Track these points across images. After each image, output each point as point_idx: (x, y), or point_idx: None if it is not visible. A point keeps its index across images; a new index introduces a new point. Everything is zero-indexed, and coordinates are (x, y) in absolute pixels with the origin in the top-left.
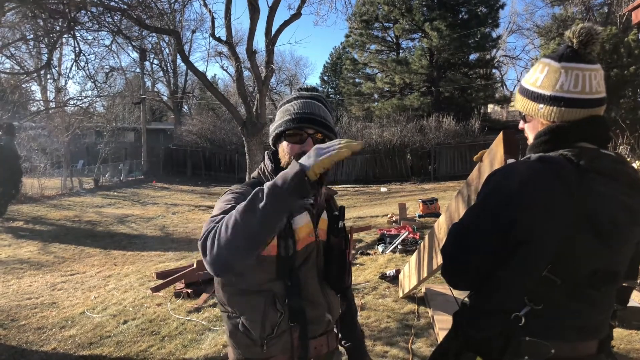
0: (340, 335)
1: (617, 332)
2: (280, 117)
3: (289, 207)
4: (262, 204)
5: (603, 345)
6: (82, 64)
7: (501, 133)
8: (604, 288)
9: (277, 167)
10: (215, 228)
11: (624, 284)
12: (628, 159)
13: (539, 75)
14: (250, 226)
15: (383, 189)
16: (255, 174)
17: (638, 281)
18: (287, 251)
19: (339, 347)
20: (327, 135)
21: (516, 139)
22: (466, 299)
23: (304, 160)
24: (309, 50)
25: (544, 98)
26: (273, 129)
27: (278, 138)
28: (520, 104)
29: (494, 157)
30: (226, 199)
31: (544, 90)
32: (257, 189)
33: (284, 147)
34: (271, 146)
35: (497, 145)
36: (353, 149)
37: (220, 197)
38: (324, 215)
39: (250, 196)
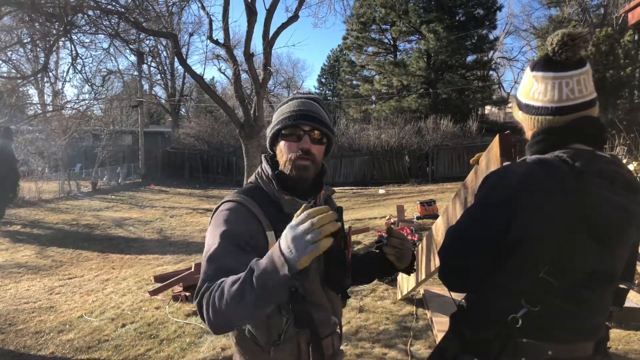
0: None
1: (616, 332)
2: (276, 117)
3: (279, 297)
4: (251, 296)
5: (599, 347)
6: (79, 67)
7: (497, 136)
8: (600, 289)
9: (276, 171)
10: (209, 293)
11: (620, 286)
12: (625, 160)
13: (522, 82)
14: (242, 311)
15: (381, 191)
16: (252, 178)
17: (637, 282)
18: None
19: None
20: (325, 133)
21: (512, 141)
22: (463, 301)
23: (286, 252)
24: (307, 52)
25: (521, 105)
26: (269, 129)
27: (275, 139)
28: (514, 108)
29: (490, 159)
30: (220, 229)
31: (521, 97)
32: (247, 271)
33: (281, 147)
34: (268, 149)
35: (494, 148)
36: (331, 230)
37: (215, 215)
38: None
39: (239, 281)
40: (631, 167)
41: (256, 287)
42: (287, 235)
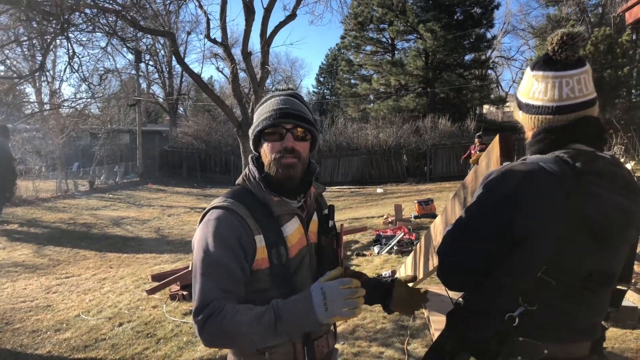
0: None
1: (612, 331)
2: (257, 118)
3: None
4: (272, 337)
5: (596, 346)
6: (76, 66)
7: (497, 135)
8: (599, 290)
9: (263, 173)
10: (218, 318)
11: (618, 287)
12: (622, 160)
13: (522, 82)
14: (255, 344)
15: (379, 190)
16: (239, 180)
17: (633, 281)
18: (280, 260)
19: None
20: (307, 129)
21: (512, 141)
22: (460, 299)
23: (319, 308)
24: (305, 51)
25: (522, 105)
26: (251, 131)
27: (258, 140)
28: (514, 108)
29: (490, 159)
30: (209, 241)
31: (521, 97)
32: (272, 314)
33: (265, 148)
34: (253, 151)
35: (494, 148)
36: (362, 302)
37: (203, 224)
38: (315, 217)
39: (262, 322)
40: (628, 166)
41: (281, 332)
42: (326, 293)
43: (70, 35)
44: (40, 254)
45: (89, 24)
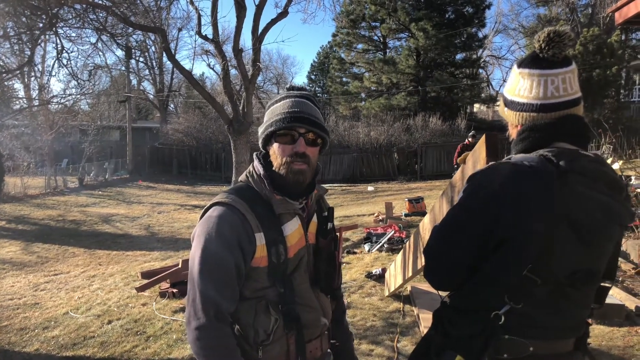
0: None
1: (599, 329)
2: (269, 117)
3: None
4: None
5: (579, 343)
6: (65, 61)
7: (484, 136)
8: (583, 287)
9: (268, 170)
10: (209, 340)
11: (602, 284)
12: (610, 159)
13: (508, 79)
14: None
15: (370, 188)
16: (242, 177)
17: (620, 279)
18: (279, 258)
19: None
20: (319, 135)
21: (499, 141)
22: (446, 298)
23: None
24: (296, 49)
25: (507, 102)
26: (262, 130)
27: (268, 139)
28: (500, 105)
29: (477, 159)
30: (208, 241)
31: (507, 94)
32: None
33: (275, 148)
34: (261, 148)
35: (480, 148)
36: None
37: (204, 220)
38: (314, 218)
39: None
40: (616, 165)
41: None
42: None
43: (59, 30)
44: (29, 251)
45: (78, 19)
